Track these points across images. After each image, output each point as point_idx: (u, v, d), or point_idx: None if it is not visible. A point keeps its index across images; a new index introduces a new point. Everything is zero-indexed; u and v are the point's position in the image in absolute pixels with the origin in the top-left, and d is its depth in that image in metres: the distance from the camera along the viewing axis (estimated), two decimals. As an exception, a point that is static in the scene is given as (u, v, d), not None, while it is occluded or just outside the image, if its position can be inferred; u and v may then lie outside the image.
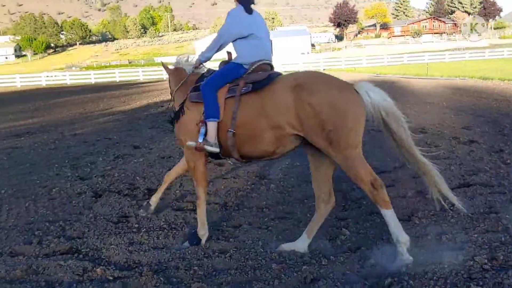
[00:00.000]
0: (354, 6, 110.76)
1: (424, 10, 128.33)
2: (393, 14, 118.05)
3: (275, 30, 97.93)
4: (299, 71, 3.90)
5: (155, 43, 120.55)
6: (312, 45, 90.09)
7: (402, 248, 3.29)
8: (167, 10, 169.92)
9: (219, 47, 3.95)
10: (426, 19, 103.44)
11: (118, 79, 42.04)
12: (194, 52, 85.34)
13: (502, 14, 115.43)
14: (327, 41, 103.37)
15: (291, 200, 5.04)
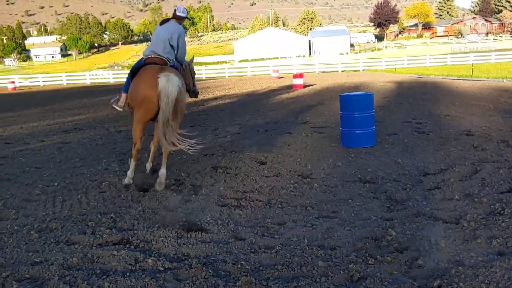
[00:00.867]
0: (396, 5, 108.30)
1: (469, 10, 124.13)
2: (436, 13, 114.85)
3: (314, 30, 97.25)
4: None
5: (194, 43, 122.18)
6: (352, 45, 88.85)
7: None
8: (206, 10, 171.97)
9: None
10: (471, 19, 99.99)
11: (158, 78, 42.81)
12: (233, 52, 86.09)
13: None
14: (366, 41, 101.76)
15: (335, 200, 5.03)
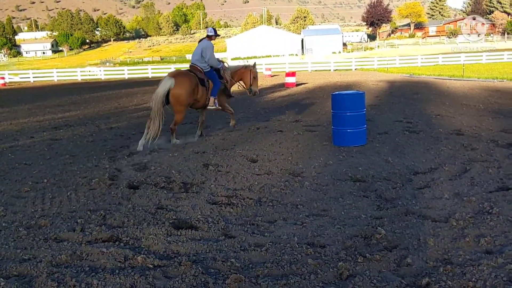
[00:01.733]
0: (388, 5, 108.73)
1: (461, 10, 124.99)
2: (428, 13, 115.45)
3: (307, 28, 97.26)
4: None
5: (187, 40, 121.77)
6: (344, 44, 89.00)
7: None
8: (199, 7, 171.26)
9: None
10: (462, 19, 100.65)
11: (150, 75, 42.77)
12: (226, 50, 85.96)
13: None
14: (359, 40, 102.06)
15: (325, 198, 5.04)
